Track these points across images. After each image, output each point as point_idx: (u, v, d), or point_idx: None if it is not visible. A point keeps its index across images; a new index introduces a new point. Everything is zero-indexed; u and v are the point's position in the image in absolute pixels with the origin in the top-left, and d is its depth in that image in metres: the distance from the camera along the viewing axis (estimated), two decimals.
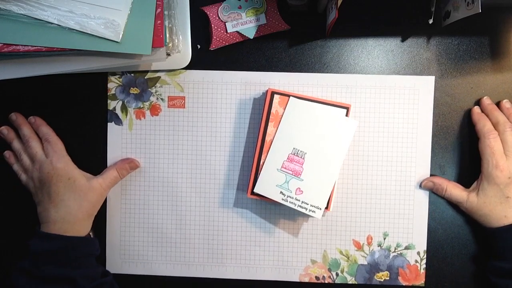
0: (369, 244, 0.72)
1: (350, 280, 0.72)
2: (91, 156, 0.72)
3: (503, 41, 0.71)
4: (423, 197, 0.71)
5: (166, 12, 0.67)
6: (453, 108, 0.71)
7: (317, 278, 0.72)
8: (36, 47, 0.62)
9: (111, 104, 0.72)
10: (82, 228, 0.66)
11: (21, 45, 0.62)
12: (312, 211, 0.66)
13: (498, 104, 0.69)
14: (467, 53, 0.71)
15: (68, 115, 0.73)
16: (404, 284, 0.72)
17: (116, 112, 0.72)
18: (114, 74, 0.72)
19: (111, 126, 0.73)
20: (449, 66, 0.71)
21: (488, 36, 0.71)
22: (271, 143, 0.67)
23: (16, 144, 0.69)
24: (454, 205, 0.71)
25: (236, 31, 0.69)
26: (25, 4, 0.61)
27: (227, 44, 0.70)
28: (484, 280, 0.70)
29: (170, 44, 0.68)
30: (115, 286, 0.67)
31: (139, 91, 0.72)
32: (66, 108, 0.73)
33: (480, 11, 0.58)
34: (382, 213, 0.72)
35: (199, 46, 0.72)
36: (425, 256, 0.71)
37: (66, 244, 0.63)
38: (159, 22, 0.65)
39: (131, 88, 0.72)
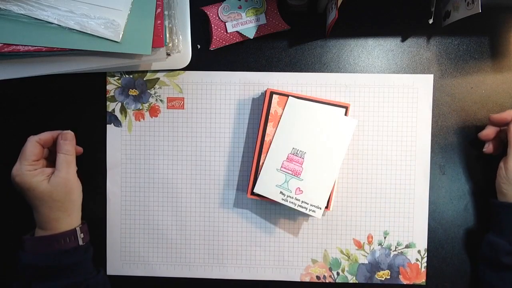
0: (370, 243, 0.72)
1: (351, 279, 0.72)
2: (90, 158, 0.72)
3: (503, 41, 0.71)
4: (423, 196, 0.71)
5: (166, 12, 0.67)
6: (453, 108, 0.71)
7: (318, 277, 0.72)
8: (36, 47, 0.62)
9: (110, 106, 0.72)
10: (67, 224, 0.65)
11: (21, 45, 0.62)
12: (312, 211, 0.66)
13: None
14: (467, 53, 0.71)
15: (67, 117, 0.72)
16: (405, 283, 0.72)
17: (115, 114, 0.72)
18: (113, 75, 0.72)
19: (110, 128, 0.72)
20: (449, 66, 0.71)
21: (488, 36, 0.71)
22: (271, 143, 0.67)
23: None
24: (454, 205, 0.71)
25: (236, 31, 0.69)
26: (25, 4, 0.61)
27: (227, 44, 0.70)
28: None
29: (170, 44, 0.68)
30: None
31: (138, 92, 0.72)
32: (65, 110, 0.72)
33: (480, 11, 0.58)
34: (382, 212, 0.72)
35: (199, 46, 0.72)
36: (426, 255, 0.71)
37: (51, 260, 0.62)
38: (159, 22, 0.65)
39: (130, 89, 0.72)
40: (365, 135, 0.71)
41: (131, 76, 0.72)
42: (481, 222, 0.71)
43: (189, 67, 0.71)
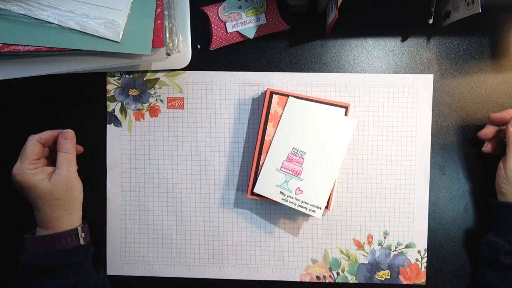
0: (370, 243, 0.72)
1: (351, 279, 0.72)
2: (90, 158, 0.72)
3: (503, 41, 0.71)
4: (423, 196, 0.71)
5: (166, 12, 0.67)
6: (453, 108, 0.71)
7: (318, 277, 0.72)
8: (36, 47, 0.62)
9: (110, 106, 0.72)
10: (68, 223, 0.65)
11: (21, 45, 0.62)
12: (312, 211, 0.66)
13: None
14: (467, 53, 0.71)
15: (67, 117, 0.72)
16: (405, 283, 0.72)
17: (115, 113, 0.72)
18: (113, 75, 0.72)
19: (110, 128, 0.72)
20: (449, 66, 0.71)
21: (488, 36, 0.71)
22: (271, 143, 0.67)
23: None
24: (454, 205, 0.71)
25: (236, 31, 0.69)
26: (25, 4, 0.61)
27: (227, 44, 0.70)
28: None
29: (170, 44, 0.68)
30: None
31: (138, 92, 0.72)
32: (65, 110, 0.72)
33: (480, 11, 0.58)
34: (382, 212, 0.72)
35: (199, 46, 0.72)
36: (426, 255, 0.71)
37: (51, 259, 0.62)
38: (159, 22, 0.65)
39: (130, 89, 0.72)
40: (365, 135, 0.71)
41: (131, 76, 0.72)
42: (481, 222, 0.71)
43: (189, 67, 0.71)
